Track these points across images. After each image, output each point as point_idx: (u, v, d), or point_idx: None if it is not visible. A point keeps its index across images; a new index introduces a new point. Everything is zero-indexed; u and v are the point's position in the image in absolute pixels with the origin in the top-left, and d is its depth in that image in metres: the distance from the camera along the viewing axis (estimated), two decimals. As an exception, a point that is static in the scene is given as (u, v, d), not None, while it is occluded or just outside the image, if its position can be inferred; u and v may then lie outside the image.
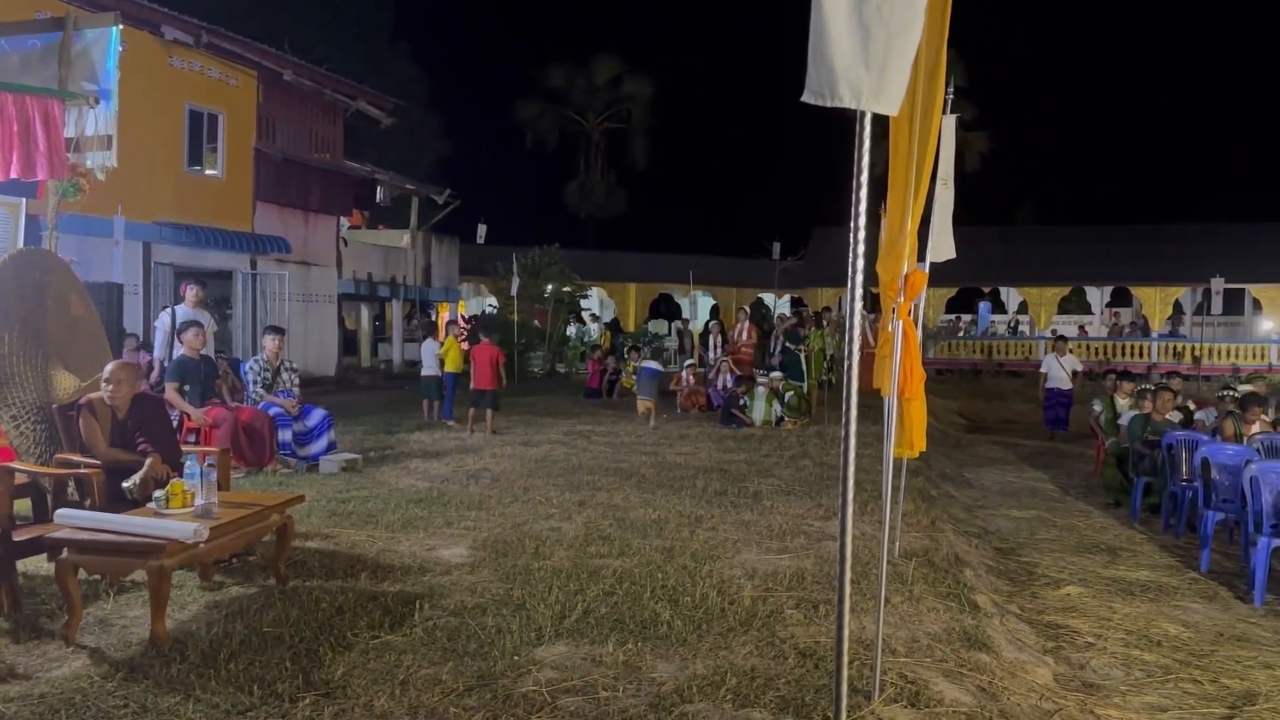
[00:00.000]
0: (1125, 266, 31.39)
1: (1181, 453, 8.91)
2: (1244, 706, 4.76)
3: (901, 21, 2.49)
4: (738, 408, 14.09)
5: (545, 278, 24.71)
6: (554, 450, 11.07)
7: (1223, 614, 6.40)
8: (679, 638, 4.61)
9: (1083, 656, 5.44)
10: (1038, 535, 8.74)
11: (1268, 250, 29.49)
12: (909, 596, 5.56)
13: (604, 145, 44.26)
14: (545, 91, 42.54)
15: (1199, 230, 33.11)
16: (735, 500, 8.22)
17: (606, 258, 35.38)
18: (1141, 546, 8.33)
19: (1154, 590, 6.88)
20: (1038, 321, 31.62)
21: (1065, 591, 6.77)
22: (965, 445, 15.74)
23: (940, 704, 3.94)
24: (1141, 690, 4.96)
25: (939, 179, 6.86)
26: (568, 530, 6.91)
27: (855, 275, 2.68)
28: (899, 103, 2.57)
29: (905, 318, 4.25)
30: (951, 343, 30.73)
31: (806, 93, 2.56)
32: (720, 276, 34.71)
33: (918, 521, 7.76)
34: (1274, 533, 6.88)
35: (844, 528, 2.67)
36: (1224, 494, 7.87)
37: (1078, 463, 13.33)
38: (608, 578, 5.60)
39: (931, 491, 9.71)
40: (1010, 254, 33.25)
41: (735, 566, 6.01)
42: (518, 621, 4.80)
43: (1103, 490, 10.70)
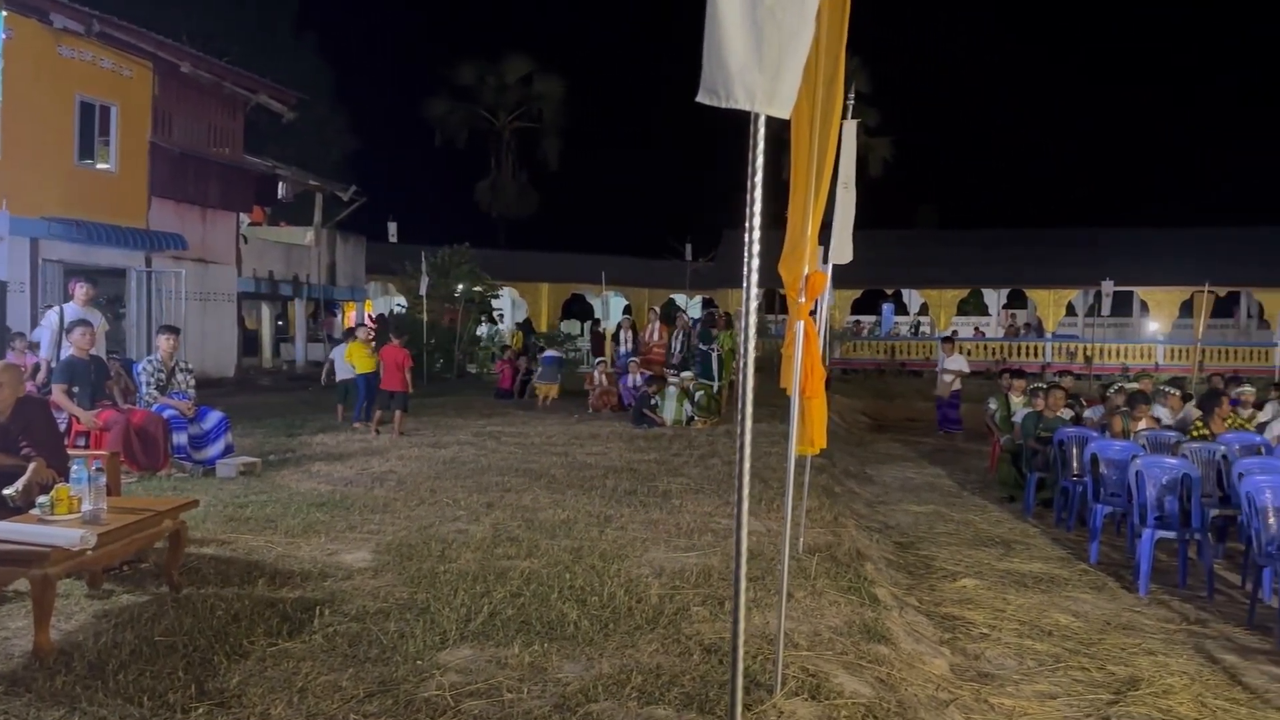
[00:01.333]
0: (1021, 269, 32.57)
1: (1072, 449, 9.29)
2: (1128, 692, 4.97)
3: (794, 25, 2.54)
4: (649, 407, 14.16)
5: (456, 277, 24.43)
6: (463, 451, 10.95)
7: (1110, 604, 6.69)
8: (586, 638, 4.61)
9: (978, 647, 5.62)
10: (936, 529, 9.00)
11: (1154, 254, 30.94)
12: (812, 591, 5.66)
13: (515, 144, 44.00)
14: (455, 89, 42.09)
15: (1090, 235, 34.57)
16: (645, 499, 8.25)
17: (518, 257, 35.17)
18: (1034, 540, 8.64)
19: (1046, 582, 7.15)
20: (938, 322, 32.55)
21: (961, 584, 6.99)
22: (868, 443, 16.13)
23: (840, 696, 4.02)
24: (1033, 679, 5.15)
25: (840, 183, 7.00)
26: (475, 532, 6.85)
27: (750, 275, 2.71)
28: (791, 105, 2.62)
29: (806, 318, 4.32)
30: (856, 343, 31.42)
31: (702, 92, 2.59)
32: (632, 277, 34.86)
33: (822, 517, 7.91)
34: (1158, 525, 7.22)
35: (740, 522, 2.70)
36: (1112, 488, 8.22)
37: (974, 459, 13.77)
38: (515, 579, 5.56)
39: (835, 488, 9.91)
40: (912, 257, 34.21)
41: (643, 565, 6.04)
42: (421, 625, 4.73)
43: (998, 485, 11.08)
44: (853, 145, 6.99)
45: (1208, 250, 30.65)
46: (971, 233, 37.73)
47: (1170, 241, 32.43)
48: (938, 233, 41.09)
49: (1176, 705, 4.80)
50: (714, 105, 2.56)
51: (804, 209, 4.21)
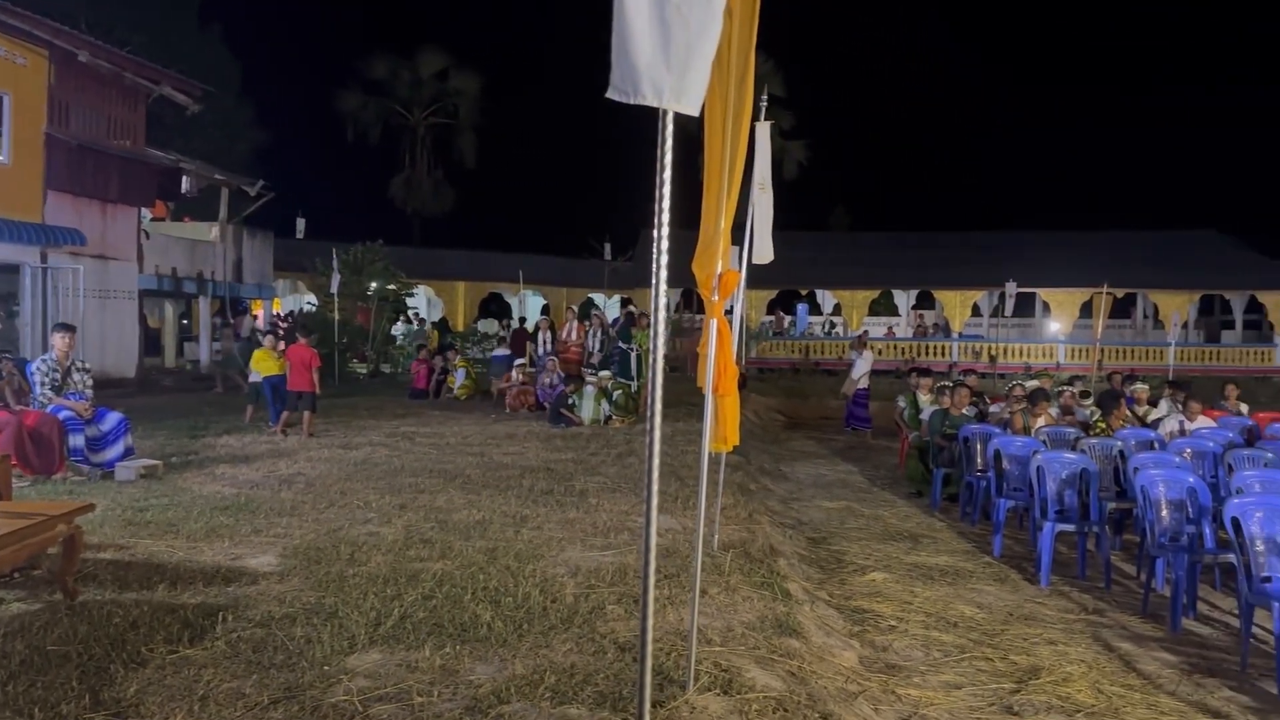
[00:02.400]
0: (929, 271, 33.39)
1: (976, 445, 9.56)
2: (1029, 680, 5.14)
3: (701, 23, 2.55)
4: (566, 407, 14.10)
5: (369, 275, 23.98)
6: (375, 452, 10.75)
7: (1012, 595, 6.90)
8: (499, 639, 4.57)
9: (886, 639, 5.74)
10: (847, 525, 9.17)
11: (1055, 257, 32.04)
12: (726, 587, 5.71)
13: (430, 140, 43.38)
14: (368, 83, 41.33)
15: (994, 238, 35.67)
16: (561, 499, 8.22)
17: (434, 255, 34.69)
18: (941, 534, 8.87)
19: (952, 574, 7.34)
20: (850, 322, 33.17)
21: (871, 577, 7.13)
22: (783, 441, 16.35)
23: (752, 690, 4.06)
24: (939, 669, 5.28)
25: (756, 184, 7.09)
26: (386, 534, 6.72)
27: (659, 272, 2.72)
28: (699, 103, 2.63)
29: (719, 316, 4.35)
30: (772, 343, 31.82)
31: (611, 89, 2.58)
32: (550, 276, 34.71)
33: (736, 514, 7.98)
34: (1058, 518, 7.48)
35: (649, 520, 2.70)
36: (1014, 483, 8.49)
37: (885, 456, 14.08)
38: (427, 581, 5.48)
39: (751, 485, 10.02)
40: (826, 258, 34.82)
41: (559, 565, 6.01)
42: (329, 630, 4.63)
43: (906, 481, 11.35)
44: (767, 147, 7.07)
45: (1106, 254, 31.90)
46: (883, 235, 38.62)
47: (1071, 245, 33.67)
48: (851, 235, 41.91)
49: (1075, 693, 4.97)
50: (623, 102, 2.56)
51: (717, 208, 4.24)
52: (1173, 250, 33.53)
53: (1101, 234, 35.46)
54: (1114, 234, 35.51)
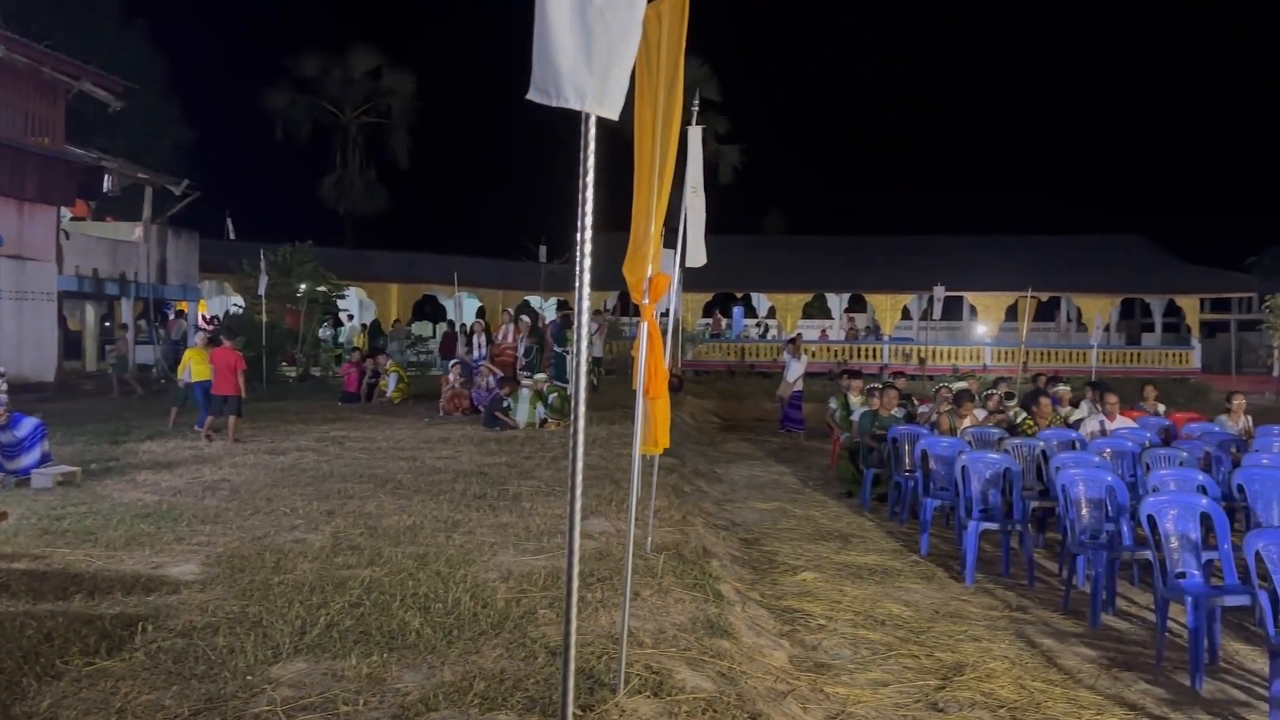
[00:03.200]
0: (861, 275, 33.90)
1: (905, 445, 9.73)
2: (954, 677, 5.24)
3: (623, 27, 2.55)
4: (501, 410, 14.01)
5: (298, 276, 23.53)
6: (303, 458, 10.55)
7: (939, 593, 7.04)
8: (428, 645, 4.51)
9: (816, 638, 5.81)
10: (779, 525, 9.26)
11: (981, 261, 32.76)
12: (659, 589, 5.72)
13: (362, 140, 42.70)
14: (298, 80, 40.50)
15: (924, 242, 36.36)
16: (494, 503, 8.16)
17: (366, 256, 34.15)
18: (870, 533, 9.01)
19: (880, 573, 7.46)
20: (785, 325, 33.50)
21: (802, 577, 7.21)
22: (718, 443, 16.45)
23: (682, 692, 4.07)
24: (867, 667, 5.35)
25: (689, 187, 7.12)
26: (313, 541, 6.61)
27: (582, 274, 2.71)
28: (620, 106, 2.63)
29: (650, 319, 4.36)
30: (707, 345, 31.99)
31: (532, 90, 2.58)
32: (486, 278, 34.41)
33: (670, 516, 8.01)
34: (983, 517, 7.65)
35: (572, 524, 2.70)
36: (941, 482, 8.66)
37: (817, 457, 14.25)
38: (355, 588, 5.40)
39: (685, 487, 10.06)
40: (760, 262, 35.12)
41: (491, 570, 5.96)
42: (253, 639, 4.53)
43: (838, 482, 11.50)
44: (699, 151, 7.11)
45: (1031, 258, 32.70)
46: (817, 239, 39.09)
47: (997, 250, 34.46)
48: (785, 238, 42.33)
49: (998, 688, 5.08)
50: (544, 104, 2.55)
51: (647, 212, 4.25)
52: (1095, 255, 34.54)
53: (1026, 238, 36.38)
54: (1038, 239, 36.46)
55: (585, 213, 2.67)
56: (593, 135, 2.66)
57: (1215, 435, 9.87)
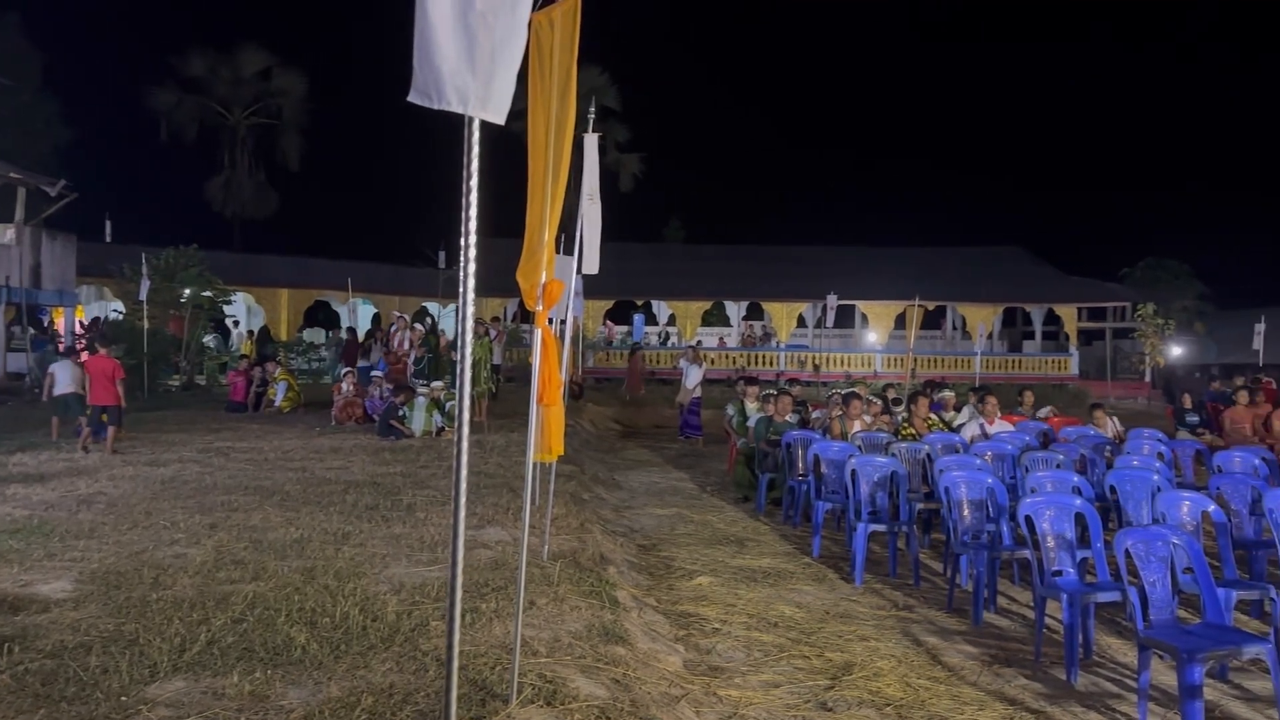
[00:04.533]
0: (758, 283, 34.49)
1: (798, 450, 9.91)
2: (843, 677, 5.35)
3: (506, 31, 2.53)
4: (396, 418, 13.75)
5: (182, 281, 22.65)
6: (185, 469, 10.15)
7: (829, 594, 7.18)
8: (314, 661, 4.39)
9: (710, 642, 5.86)
10: (677, 530, 9.32)
11: (872, 271, 33.72)
12: (554, 597, 5.68)
13: (251, 142, 41.40)
14: (184, 79, 39.07)
15: (818, 252, 37.22)
16: (387, 514, 7.99)
17: (254, 261, 33.09)
18: (765, 536, 9.14)
19: (774, 576, 7.58)
20: (685, 332, 33.81)
21: (698, 582, 7.27)
22: (618, 450, 16.48)
23: (575, 700, 4.05)
24: (759, 669, 5.42)
25: (585, 195, 7.12)
26: (195, 556, 6.35)
27: (467, 280, 2.68)
28: (505, 111, 2.61)
29: (543, 326, 4.34)
30: (608, 352, 32.05)
31: (413, 93, 2.54)
32: (382, 284, 33.73)
33: (568, 524, 7.98)
34: (871, 519, 7.84)
35: (456, 533, 2.66)
36: (832, 486, 8.84)
37: (715, 462, 14.41)
38: (238, 604, 5.21)
39: (584, 495, 10.04)
40: (661, 269, 35.43)
41: (381, 582, 5.83)
42: (128, 658, 4.33)
43: (734, 487, 11.65)
44: (595, 158, 7.12)
45: (918, 269, 33.80)
46: (715, 248, 39.65)
47: (886, 260, 35.52)
48: (685, 247, 42.77)
49: (885, 687, 5.21)
50: (426, 106, 2.52)
51: (541, 217, 4.24)
52: (979, 266, 35.91)
53: (914, 250, 37.59)
54: (925, 250, 37.71)
55: (470, 217, 2.64)
56: (476, 139, 2.63)
57: (1090, 438, 10.33)
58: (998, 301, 34.00)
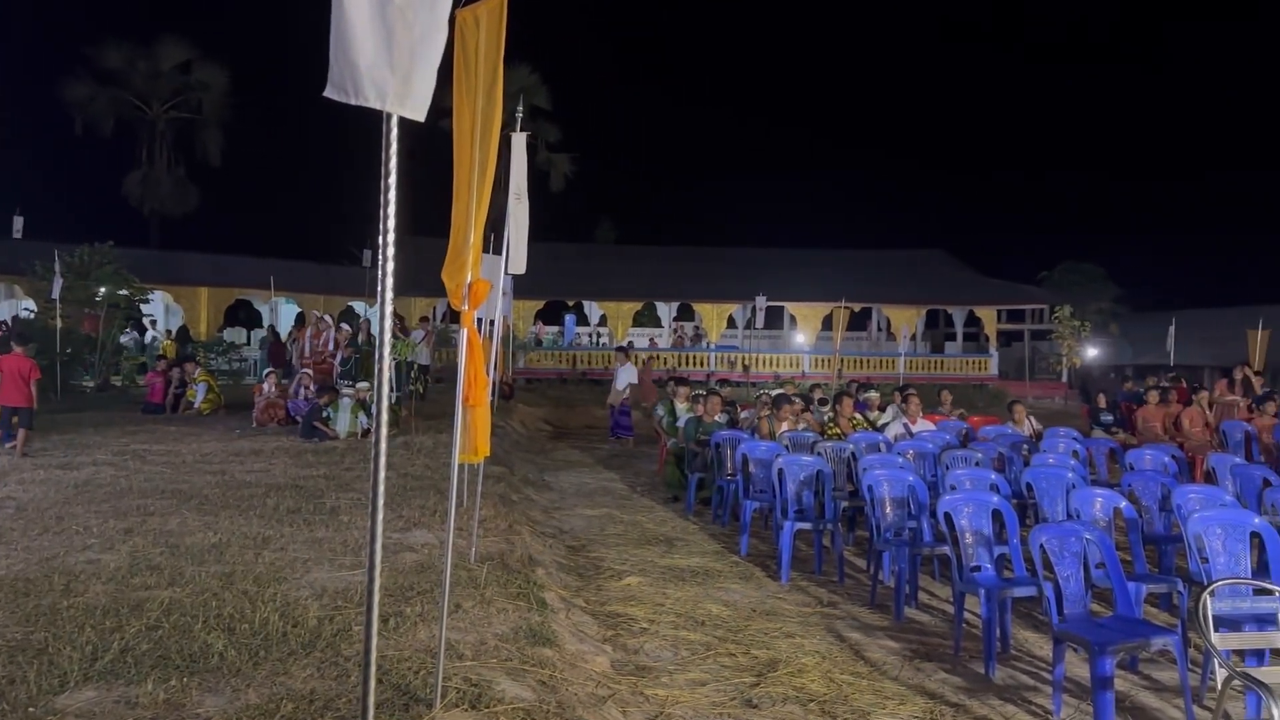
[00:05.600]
0: (689, 284, 34.70)
1: (727, 450, 10.00)
2: (768, 674, 5.41)
3: (425, 26, 2.51)
4: (321, 419, 13.50)
5: (97, 279, 21.93)
6: (99, 473, 9.83)
7: (756, 592, 7.25)
8: (232, 668, 4.29)
9: (638, 641, 5.88)
10: (607, 531, 9.33)
11: (799, 273, 34.15)
12: (481, 600, 5.65)
13: (171, 136, 40.23)
14: (100, 71, 37.79)
15: (747, 254, 37.60)
16: (309, 517, 7.84)
17: (173, 259, 32.16)
18: (694, 536, 9.20)
19: (702, 575, 7.63)
20: (616, 333, 33.85)
21: (627, 582, 7.28)
22: (549, 450, 16.42)
23: (501, 703, 4.03)
24: (686, 667, 5.46)
25: (512, 194, 7.09)
26: (108, 561, 6.16)
27: (385, 279, 2.65)
28: (425, 108, 2.59)
29: (470, 326, 4.31)
30: (539, 353, 31.92)
31: (330, 88, 2.50)
32: (306, 283, 33.06)
33: (496, 526, 7.93)
34: (797, 518, 7.94)
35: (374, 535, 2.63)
36: (759, 485, 8.94)
37: (645, 463, 14.45)
38: (153, 610, 5.07)
39: (513, 496, 9.99)
40: (592, 270, 35.41)
41: (303, 587, 5.73)
42: (36, 668, 4.18)
43: (664, 487, 11.69)
44: (523, 157, 7.09)
45: (845, 271, 34.35)
46: (646, 249, 39.77)
47: (814, 262, 36.02)
48: (616, 248, 42.82)
49: (809, 683, 5.28)
50: (343, 102, 2.48)
51: (467, 216, 4.20)
52: (903, 269, 36.64)
53: (840, 252, 38.20)
54: (851, 253, 38.34)
55: (388, 215, 2.60)
56: (395, 135, 2.60)
57: (1008, 437, 10.61)
58: (921, 303, 34.73)
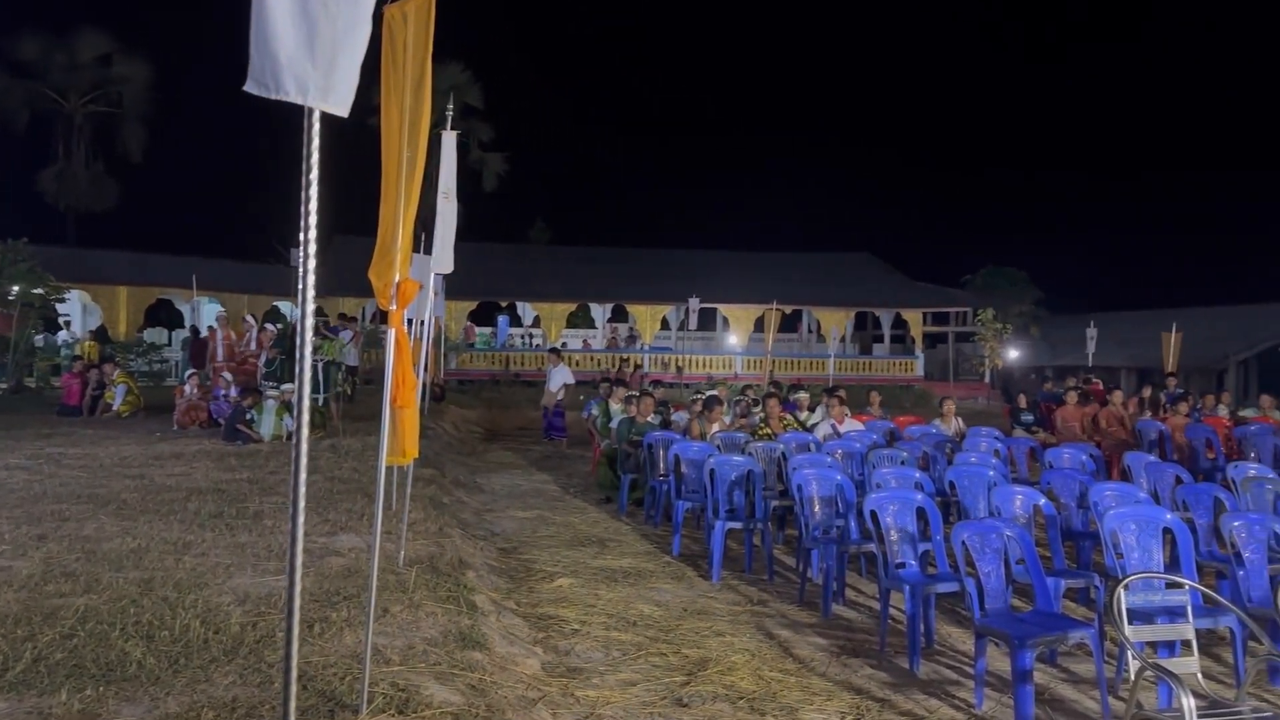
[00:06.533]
0: (623, 286, 34.73)
1: (659, 451, 10.04)
2: (699, 672, 5.45)
3: (348, 20, 2.48)
4: (244, 422, 13.20)
5: (10, 277, 21.14)
6: (11, 477, 9.48)
7: (688, 591, 7.30)
8: (151, 676, 4.17)
9: (569, 643, 5.87)
10: (539, 533, 9.29)
11: (733, 276, 34.43)
12: (410, 604, 5.58)
13: (89, 131, 38.97)
14: (14, 64, 36.43)
15: (680, 256, 37.79)
16: (232, 522, 7.66)
17: (91, 256, 31.14)
18: (626, 537, 9.22)
19: (634, 575, 7.65)
20: (549, 334, 33.72)
21: (559, 583, 7.27)
22: (481, 452, 16.30)
23: (429, 707, 3.99)
24: (617, 668, 5.47)
25: (441, 193, 7.01)
26: (21, 569, 5.95)
27: (306, 277, 2.61)
28: (349, 103, 2.55)
29: (398, 326, 4.26)
30: (471, 354, 31.65)
31: (250, 82, 2.45)
32: (230, 282, 32.27)
33: (426, 529, 7.84)
34: (728, 517, 8.01)
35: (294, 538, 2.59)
36: (691, 485, 8.99)
37: (578, 464, 14.43)
38: (68, 618, 4.91)
39: (443, 499, 9.88)
40: (525, 271, 35.23)
41: (225, 593, 5.59)
42: (-60, 682, 4.02)
43: (597, 488, 11.69)
44: (453, 156, 7.02)
45: (776, 273, 34.75)
46: (580, 250, 39.69)
47: (746, 265, 36.38)
48: (550, 249, 42.67)
49: (738, 680, 5.33)
50: (263, 96, 2.43)
51: (395, 215, 4.15)
52: (832, 272, 37.16)
53: (772, 255, 38.63)
54: (782, 255, 38.79)
55: (309, 212, 2.56)
56: (317, 131, 2.56)
57: (933, 436, 10.84)
58: (850, 306, 35.24)
